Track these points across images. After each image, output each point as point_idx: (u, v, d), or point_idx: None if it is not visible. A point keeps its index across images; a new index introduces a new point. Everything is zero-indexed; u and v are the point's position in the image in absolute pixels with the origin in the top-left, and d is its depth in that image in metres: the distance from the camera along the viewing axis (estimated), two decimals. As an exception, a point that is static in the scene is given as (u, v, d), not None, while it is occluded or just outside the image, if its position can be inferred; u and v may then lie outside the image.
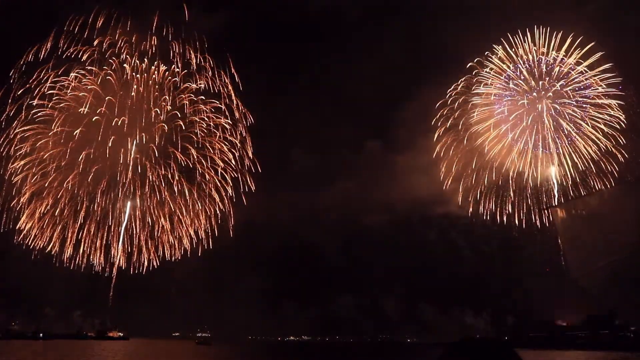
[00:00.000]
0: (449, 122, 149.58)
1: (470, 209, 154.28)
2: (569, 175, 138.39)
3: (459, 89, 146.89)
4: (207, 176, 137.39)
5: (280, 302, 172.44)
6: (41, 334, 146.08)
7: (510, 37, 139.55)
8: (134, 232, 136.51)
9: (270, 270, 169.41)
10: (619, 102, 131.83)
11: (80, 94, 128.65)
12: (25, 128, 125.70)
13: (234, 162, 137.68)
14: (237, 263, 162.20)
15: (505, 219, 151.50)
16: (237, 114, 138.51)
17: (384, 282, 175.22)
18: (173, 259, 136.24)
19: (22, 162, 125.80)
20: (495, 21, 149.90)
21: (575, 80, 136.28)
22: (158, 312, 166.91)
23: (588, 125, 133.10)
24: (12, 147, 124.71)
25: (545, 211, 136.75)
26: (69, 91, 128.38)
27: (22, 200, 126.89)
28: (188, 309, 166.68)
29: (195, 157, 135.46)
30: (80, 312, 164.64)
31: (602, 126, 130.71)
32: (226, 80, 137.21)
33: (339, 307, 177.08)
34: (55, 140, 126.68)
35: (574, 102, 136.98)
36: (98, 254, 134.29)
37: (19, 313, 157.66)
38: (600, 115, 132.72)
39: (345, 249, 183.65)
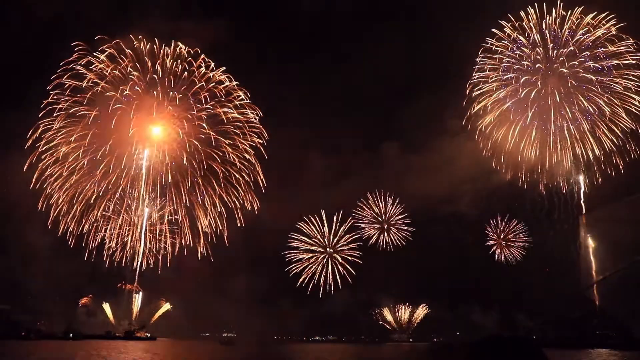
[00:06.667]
0: (461, 122, 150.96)
1: (480, 207, 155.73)
2: (591, 163, 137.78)
3: (468, 86, 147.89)
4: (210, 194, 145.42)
5: (296, 303, 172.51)
6: (71, 334, 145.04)
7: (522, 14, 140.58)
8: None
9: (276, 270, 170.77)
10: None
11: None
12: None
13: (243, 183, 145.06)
14: (245, 262, 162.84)
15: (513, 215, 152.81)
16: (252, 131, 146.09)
17: (388, 280, 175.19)
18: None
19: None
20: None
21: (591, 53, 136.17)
22: (186, 313, 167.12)
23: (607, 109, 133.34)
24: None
25: (578, 217, 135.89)
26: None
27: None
28: (214, 310, 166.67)
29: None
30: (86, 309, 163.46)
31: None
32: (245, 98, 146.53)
33: (355, 309, 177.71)
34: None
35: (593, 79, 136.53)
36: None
37: (24, 309, 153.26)
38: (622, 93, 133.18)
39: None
